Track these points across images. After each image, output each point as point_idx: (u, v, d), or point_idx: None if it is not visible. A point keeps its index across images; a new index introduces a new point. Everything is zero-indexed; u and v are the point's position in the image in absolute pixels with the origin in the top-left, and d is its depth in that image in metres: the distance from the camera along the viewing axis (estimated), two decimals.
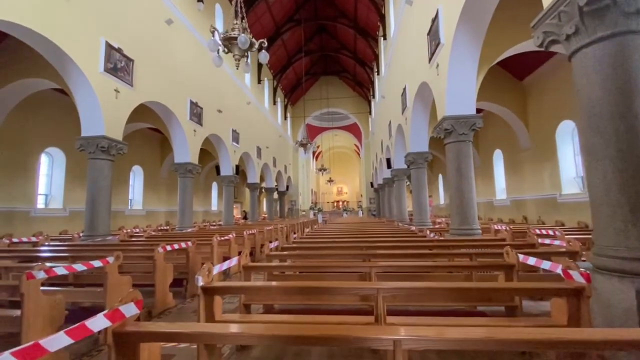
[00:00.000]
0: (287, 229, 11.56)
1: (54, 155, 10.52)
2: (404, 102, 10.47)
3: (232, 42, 5.07)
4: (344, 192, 41.38)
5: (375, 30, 17.51)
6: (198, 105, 11.36)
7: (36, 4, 5.67)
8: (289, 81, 25.45)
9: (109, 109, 7.27)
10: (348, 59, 23.80)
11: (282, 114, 25.66)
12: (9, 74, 7.92)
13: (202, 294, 2.20)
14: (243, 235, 7.11)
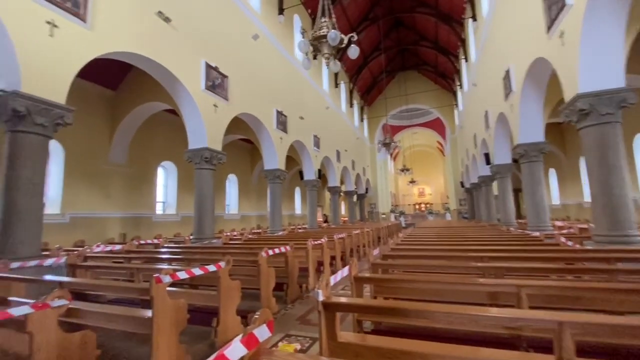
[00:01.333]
0: (372, 234, 11.09)
1: (168, 168, 12.15)
2: (508, 86, 9.03)
3: (322, 41, 4.93)
4: (427, 194, 38.76)
5: (461, 13, 15.85)
6: (283, 113, 11.80)
7: (149, 34, 6.48)
8: (364, 82, 25.03)
9: (210, 122, 7.96)
10: (428, 51, 22.22)
11: (359, 116, 25.34)
12: (135, 99, 9.39)
13: (322, 311, 1.93)
14: (334, 240, 6.92)
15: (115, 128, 9.69)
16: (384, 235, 13.25)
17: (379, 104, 28.11)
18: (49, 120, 4.67)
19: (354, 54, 5.04)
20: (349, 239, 7.98)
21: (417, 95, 26.16)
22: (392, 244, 5.40)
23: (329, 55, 5.02)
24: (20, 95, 4.31)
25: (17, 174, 4.35)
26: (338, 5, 16.31)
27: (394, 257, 4.30)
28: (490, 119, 11.81)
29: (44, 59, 4.64)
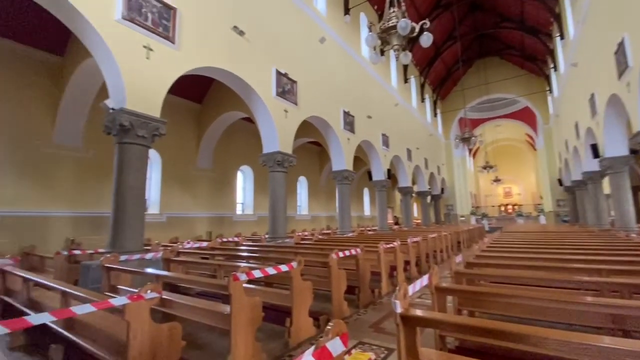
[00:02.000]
0: (451, 238, 10.18)
1: (245, 172, 13.11)
2: (622, 61, 7.37)
3: (391, 33, 4.66)
4: (514, 194, 34.40)
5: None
6: (350, 114, 11.69)
7: (226, 48, 7.00)
8: (437, 74, 23.43)
9: (281, 127, 8.28)
10: (512, 33, 19.73)
11: (432, 110, 23.80)
12: (217, 110, 10.36)
13: (401, 324, 1.72)
14: (407, 243, 6.51)
15: (202, 137, 10.81)
16: (464, 240, 12.09)
17: (454, 97, 26.03)
18: (148, 132, 5.36)
19: (427, 41, 4.64)
20: (424, 243, 7.44)
21: (499, 84, 23.46)
22: (476, 250, 4.81)
23: (399, 46, 4.72)
24: (125, 111, 5.04)
25: (124, 180, 5.08)
26: None
27: (480, 266, 3.79)
28: (598, 104, 9.83)
29: (142, 79, 5.35)
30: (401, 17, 4.53)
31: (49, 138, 7.67)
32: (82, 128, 8.06)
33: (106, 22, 4.93)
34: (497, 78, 23.53)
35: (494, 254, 4.71)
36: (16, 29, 7.00)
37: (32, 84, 7.53)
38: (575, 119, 13.48)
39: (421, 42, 4.66)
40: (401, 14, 4.56)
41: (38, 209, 7.27)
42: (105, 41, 4.89)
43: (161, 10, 5.69)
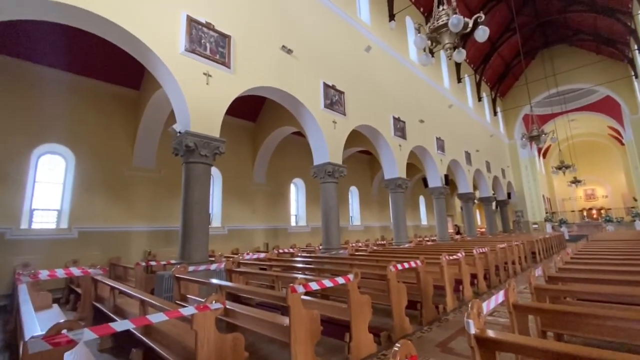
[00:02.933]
0: (524, 248, 9.13)
1: (298, 184, 13.42)
2: None
3: (441, 31, 4.43)
4: (599, 196, 30.01)
5: None
6: (400, 119, 11.36)
7: (276, 66, 7.32)
8: (494, 70, 21.79)
9: (330, 138, 8.33)
10: (581, 16, 17.61)
11: (491, 109, 22.09)
12: (269, 127, 10.86)
13: (476, 347, 1.53)
14: (473, 254, 5.98)
15: (256, 153, 11.38)
16: (541, 250, 10.78)
17: (516, 93, 23.94)
18: (210, 151, 5.79)
19: (483, 36, 4.32)
20: (493, 254, 6.76)
21: (570, 74, 21.00)
22: (558, 263, 4.22)
23: (451, 44, 4.46)
24: (190, 134, 5.50)
25: (190, 196, 5.52)
26: None
27: (565, 281, 3.29)
28: None
29: (204, 103, 5.81)
30: (452, 14, 4.29)
31: (130, 162, 8.65)
32: (155, 151, 8.96)
33: (172, 55, 5.50)
34: (567, 68, 21.07)
35: (581, 266, 4.08)
36: (99, 69, 8.19)
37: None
38: None
39: (476, 37, 4.35)
40: (452, 11, 4.32)
41: (122, 225, 8.24)
42: (172, 72, 5.44)
43: (218, 39, 6.19)
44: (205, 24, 6.02)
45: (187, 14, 5.79)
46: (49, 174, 7.70)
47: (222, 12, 6.45)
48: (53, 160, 7.80)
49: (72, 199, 7.64)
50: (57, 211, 7.65)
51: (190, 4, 5.94)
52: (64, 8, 4.55)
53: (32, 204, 7.35)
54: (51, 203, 7.62)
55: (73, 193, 7.68)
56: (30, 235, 7.02)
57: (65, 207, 7.66)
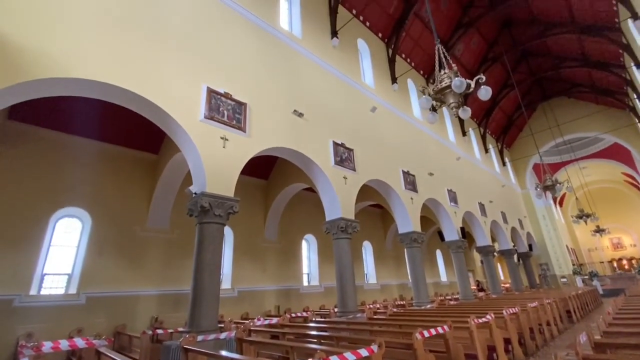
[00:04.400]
0: (557, 306, 8.39)
1: (309, 241, 13.16)
2: None
3: (445, 92, 4.69)
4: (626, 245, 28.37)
5: (612, 17, 12.98)
6: (410, 173, 11.46)
7: (288, 129, 7.71)
8: (497, 123, 22.47)
9: (342, 194, 8.38)
10: (576, 70, 18.59)
11: (499, 160, 22.25)
12: (281, 184, 11.05)
13: None
14: (503, 316, 5.49)
15: (268, 210, 11.42)
16: (576, 308, 9.87)
17: (522, 143, 24.31)
18: (224, 210, 5.84)
19: (486, 95, 4.54)
20: (524, 314, 6.20)
21: (573, 124, 21.48)
22: (601, 324, 3.81)
23: (457, 103, 4.67)
24: (206, 194, 5.61)
25: (202, 258, 5.42)
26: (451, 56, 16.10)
27: (616, 348, 2.93)
28: None
29: (220, 165, 6.03)
30: (454, 76, 4.57)
31: (144, 223, 8.68)
32: (169, 212, 9.04)
33: (193, 122, 5.89)
34: (569, 118, 21.63)
35: (628, 328, 3.66)
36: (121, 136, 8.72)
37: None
38: None
39: (480, 97, 4.57)
40: (453, 74, 4.61)
41: (131, 289, 8.00)
42: (192, 138, 5.76)
43: (234, 106, 6.65)
44: (223, 94, 6.53)
45: (208, 86, 6.33)
46: (64, 237, 7.78)
47: (239, 83, 7.03)
48: (70, 223, 7.94)
49: (84, 262, 7.59)
50: (67, 275, 7.55)
51: (210, 76, 6.52)
52: (98, 85, 5.04)
53: (44, 269, 7.31)
54: (63, 267, 7.56)
55: (86, 256, 7.65)
56: (39, 301, 6.85)
57: (76, 271, 7.57)
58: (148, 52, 5.70)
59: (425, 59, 15.59)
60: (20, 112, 7.35)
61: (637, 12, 10.34)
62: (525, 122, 23.46)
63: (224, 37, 7.20)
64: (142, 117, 5.95)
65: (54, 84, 4.69)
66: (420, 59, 15.40)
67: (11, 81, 4.17)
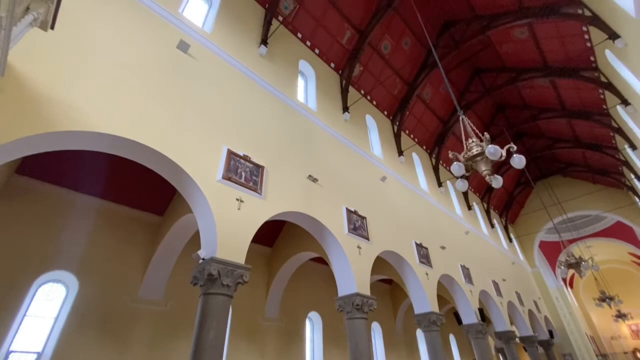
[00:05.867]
0: None
1: (313, 320, 11.83)
2: None
3: (476, 160, 4.61)
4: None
5: (599, 104, 14.12)
6: (423, 246, 10.93)
7: (302, 194, 7.49)
8: (499, 199, 22.66)
9: (356, 265, 7.75)
10: (570, 151, 19.52)
11: (505, 236, 21.79)
12: (287, 252, 10.37)
13: None
14: None
15: (271, 283, 10.49)
16: None
17: (525, 220, 24.18)
18: (233, 280, 5.20)
19: (520, 163, 4.45)
20: None
21: (573, 202, 21.70)
22: None
23: (489, 171, 4.56)
24: (216, 260, 5.06)
25: (204, 336, 4.61)
26: (451, 135, 17.00)
27: None
28: None
29: (233, 228, 5.60)
30: (486, 145, 4.55)
31: (136, 292, 7.78)
32: (166, 281, 8.05)
33: (209, 182, 5.66)
34: (569, 197, 21.98)
35: None
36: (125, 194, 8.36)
37: (130, 241, 8.15)
38: None
39: (514, 165, 4.48)
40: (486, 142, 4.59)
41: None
42: (207, 197, 5.46)
43: (252, 169, 6.53)
44: (242, 156, 6.47)
45: (228, 147, 6.29)
46: (43, 306, 6.84)
47: (258, 147, 7.05)
48: (54, 289, 7.07)
49: (59, 337, 6.51)
50: (37, 354, 6.40)
51: (230, 139, 6.53)
52: (119, 140, 4.93)
53: (11, 344, 6.21)
54: (34, 343, 6.46)
55: (63, 330, 6.60)
56: None
57: (48, 349, 6.44)
58: (171, 111, 5.76)
59: (427, 136, 16.40)
60: (27, 166, 7.15)
61: (626, 98, 11.24)
62: (526, 199, 23.73)
63: (246, 104, 7.49)
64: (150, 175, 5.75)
65: (74, 137, 4.57)
66: (422, 136, 16.19)
67: (35, 130, 4.03)
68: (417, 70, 14.38)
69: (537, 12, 11.04)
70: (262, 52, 8.68)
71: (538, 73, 14.09)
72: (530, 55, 13.77)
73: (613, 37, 9.02)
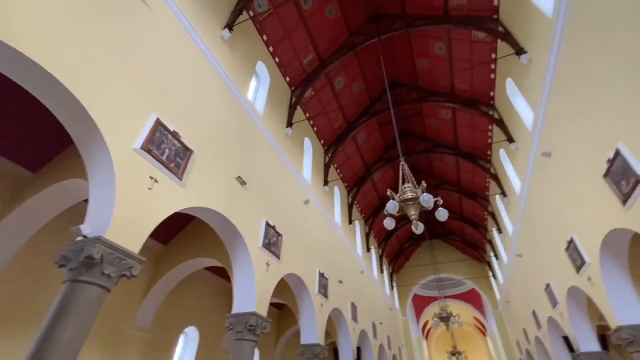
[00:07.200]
0: None
1: (189, 336, 10.47)
2: (575, 257, 8.42)
3: (408, 203, 4.94)
4: None
5: (484, 190, 17.31)
6: (324, 276, 11.06)
7: (227, 194, 6.87)
8: (392, 248, 25.02)
9: (260, 283, 7.28)
10: (454, 222, 23.10)
11: (389, 283, 23.88)
12: (184, 254, 9.17)
13: None
14: None
15: (152, 285, 9.00)
16: None
17: (407, 272, 27.03)
18: (117, 270, 4.22)
19: (443, 216, 4.94)
20: None
21: (446, 265, 25.35)
22: None
23: (417, 216, 4.92)
24: (102, 242, 4.06)
25: (58, 336, 3.52)
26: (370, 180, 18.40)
27: None
28: (557, 294, 10.53)
29: (136, 208, 4.67)
30: (421, 192, 4.94)
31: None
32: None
33: (122, 148, 4.67)
34: (444, 259, 25.63)
35: None
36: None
37: None
38: (531, 307, 14.07)
39: (438, 217, 4.94)
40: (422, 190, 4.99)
41: None
42: (114, 164, 4.46)
43: (179, 149, 5.71)
44: (172, 132, 5.63)
45: (158, 117, 5.41)
46: None
47: (192, 128, 6.27)
48: None
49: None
50: None
51: (164, 109, 5.65)
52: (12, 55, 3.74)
53: None
54: None
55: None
56: None
57: None
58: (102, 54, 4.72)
59: (350, 175, 17.37)
60: None
61: (504, 190, 14.05)
62: (412, 253, 26.79)
63: (193, 79, 6.71)
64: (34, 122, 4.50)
65: None
66: (347, 173, 17.09)
67: None
68: (359, 114, 15.44)
69: (462, 101, 13.26)
70: (224, 36, 8.09)
71: (449, 150, 16.67)
72: (447, 134, 16.27)
73: (510, 141, 11.38)
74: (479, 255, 23.59)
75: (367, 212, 20.17)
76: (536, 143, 9.36)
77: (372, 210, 20.30)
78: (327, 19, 11.68)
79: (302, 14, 10.84)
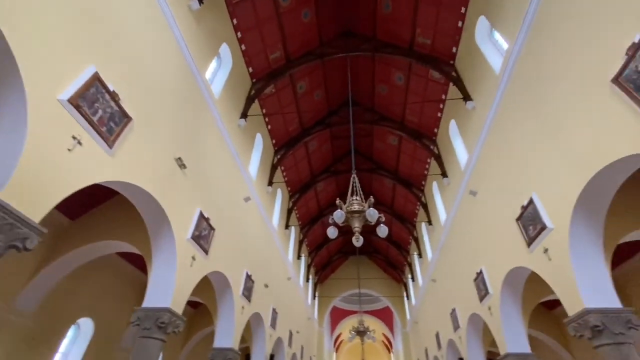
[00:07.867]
0: None
1: (82, 327, 9.06)
2: (481, 287, 9.48)
3: (354, 215, 5.01)
4: None
5: (413, 215, 18.67)
6: (251, 278, 10.65)
7: (162, 175, 6.22)
8: (321, 259, 25.36)
9: (182, 277, 6.68)
10: (381, 241, 24.38)
11: (313, 293, 24.06)
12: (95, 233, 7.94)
13: None
14: None
15: (46, 263, 7.60)
16: None
17: (331, 283, 27.56)
18: (6, 239, 3.44)
19: (384, 232, 5.10)
20: None
21: (368, 281, 26.48)
22: None
23: (359, 229, 5.01)
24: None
25: None
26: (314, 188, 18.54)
27: None
28: (460, 319, 11.68)
29: (48, 168, 3.91)
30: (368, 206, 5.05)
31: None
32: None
33: (45, 96, 3.91)
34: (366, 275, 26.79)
35: None
36: None
37: None
38: (435, 328, 15.38)
39: (378, 232, 5.10)
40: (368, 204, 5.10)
41: None
42: (28, 112, 3.68)
43: (116, 113, 5.00)
44: (112, 92, 4.91)
45: (97, 71, 4.67)
46: None
47: (136, 94, 5.57)
48: None
49: None
50: None
51: (107, 67, 4.91)
52: None
53: None
54: None
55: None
56: None
57: None
58: None
59: (295, 180, 17.27)
60: None
61: (430, 219, 15.33)
62: (339, 266, 27.49)
63: (148, 41, 6.00)
64: None
65: None
66: (292, 178, 16.94)
67: None
68: (315, 121, 15.54)
69: (409, 132, 14.25)
70: (193, 6, 7.45)
71: (389, 174, 17.70)
72: (390, 159, 17.28)
73: (444, 175, 12.50)
74: (398, 276, 25.21)
75: (305, 219, 20.18)
76: (465, 181, 10.43)
77: (310, 218, 20.38)
78: (301, 22, 11.63)
79: (278, 9, 10.61)
